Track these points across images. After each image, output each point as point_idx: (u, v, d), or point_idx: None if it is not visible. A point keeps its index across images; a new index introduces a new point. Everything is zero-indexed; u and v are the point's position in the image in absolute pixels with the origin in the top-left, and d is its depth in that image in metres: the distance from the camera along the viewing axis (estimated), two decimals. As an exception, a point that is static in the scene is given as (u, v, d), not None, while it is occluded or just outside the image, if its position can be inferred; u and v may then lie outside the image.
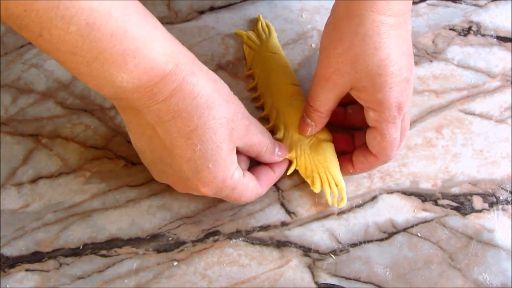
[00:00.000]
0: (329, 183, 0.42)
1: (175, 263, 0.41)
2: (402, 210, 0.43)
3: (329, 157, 0.42)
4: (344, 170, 0.42)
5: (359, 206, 0.43)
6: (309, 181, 0.42)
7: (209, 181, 0.36)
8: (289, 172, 0.43)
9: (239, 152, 0.38)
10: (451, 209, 0.43)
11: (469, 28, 0.51)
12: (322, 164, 0.42)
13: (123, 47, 0.30)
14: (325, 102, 0.40)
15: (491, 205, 0.44)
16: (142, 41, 0.31)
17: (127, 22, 0.30)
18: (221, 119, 0.35)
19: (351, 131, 0.44)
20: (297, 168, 0.43)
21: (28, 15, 0.27)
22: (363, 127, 0.42)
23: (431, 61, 0.49)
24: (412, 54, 0.39)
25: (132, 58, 0.30)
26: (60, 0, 0.27)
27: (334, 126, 0.44)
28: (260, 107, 0.46)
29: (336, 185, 0.42)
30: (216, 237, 0.42)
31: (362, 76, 0.37)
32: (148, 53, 0.31)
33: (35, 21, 0.27)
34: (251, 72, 0.48)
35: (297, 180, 0.44)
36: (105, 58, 0.30)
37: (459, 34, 0.51)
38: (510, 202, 0.44)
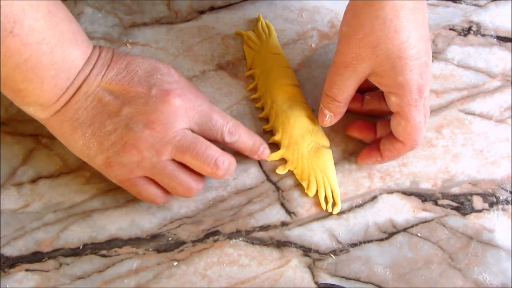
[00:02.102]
0: (324, 188, 0.43)
1: (175, 263, 0.41)
2: (402, 210, 0.43)
3: (328, 163, 0.43)
4: (372, 159, 0.43)
5: (359, 206, 0.43)
6: (304, 184, 0.43)
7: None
8: (282, 172, 0.43)
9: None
10: (451, 209, 0.43)
11: (469, 28, 0.51)
12: (321, 169, 0.43)
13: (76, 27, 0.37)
14: (343, 90, 0.40)
15: (491, 205, 0.44)
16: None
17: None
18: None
19: (373, 119, 0.44)
20: (291, 170, 0.44)
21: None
22: (381, 114, 0.43)
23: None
24: (429, 39, 0.39)
25: (81, 36, 0.37)
26: None
27: (352, 113, 0.44)
28: (260, 107, 0.46)
29: (332, 191, 0.43)
30: (216, 237, 0.42)
31: (382, 60, 0.37)
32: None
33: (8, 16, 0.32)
34: (251, 72, 0.48)
35: (297, 180, 0.44)
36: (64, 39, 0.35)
37: (459, 34, 0.51)
38: (510, 202, 0.44)
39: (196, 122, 0.39)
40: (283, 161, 0.44)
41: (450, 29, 0.51)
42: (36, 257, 0.40)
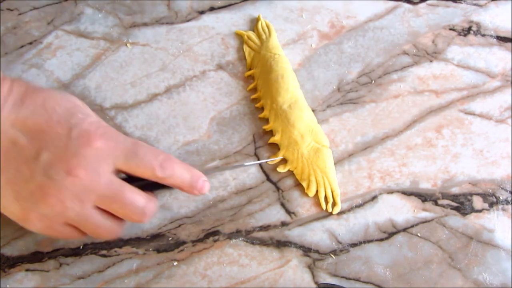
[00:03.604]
0: (324, 188, 0.43)
1: (175, 263, 0.41)
2: (402, 210, 0.43)
3: (328, 163, 0.43)
4: None
5: (359, 206, 0.43)
6: (304, 184, 0.43)
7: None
8: (282, 170, 0.44)
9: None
10: (451, 209, 0.43)
11: (469, 28, 0.51)
12: (321, 169, 0.43)
13: None
14: None
15: (491, 205, 0.44)
16: None
17: None
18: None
19: None
20: (291, 170, 0.44)
21: None
22: None
23: (431, 61, 0.49)
24: None
25: None
26: None
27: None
28: (260, 107, 0.46)
29: (332, 191, 0.43)
30: (216, 237, 0.42)
31: None
32: None
33: None
34: (251, 72, 0.48)
35: (297, 180, 0.44)
36: None
37: (459, 34, 0.51)
38: (510, 202, 0.44)
39: (122, 162, 0.35)
40: (283, 161, 0.44)
41: (450, 29, 0.51)
42: (36, 257, 0.40)
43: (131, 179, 0.36)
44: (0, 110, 0.33)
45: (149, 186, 0.37)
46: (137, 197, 0.35)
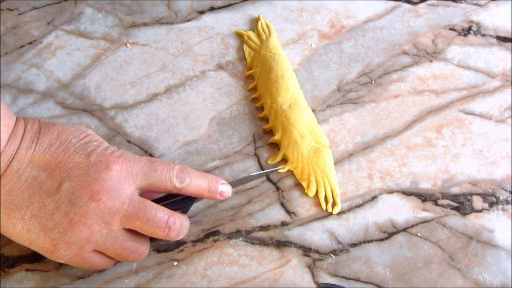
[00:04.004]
0: (324, 188, 0.43)
1: (175, 263, 0.41)
2: (402, 210, 0.43)
3: (328, 163, 0.43)
4: None
5: (359, 206, 0.43)
6: (304, 184, 0.43)
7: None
8: (282, 170, 0.44)
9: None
10: (451, 209, 0.43)
11: (469, 28, 0.51)
12: (321, 169, 0.43)
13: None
14: None
15: (491, 205, 0.44)
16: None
17: None
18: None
19: None
20: (291, 170, 0.44)
21: None
22: None
23: (431, 61, 0.49)
24: None
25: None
26: None
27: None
28: (260, 107, 0.46)
29: (332, 191, 0.43)
30: (216, 237, 0.42)
31: None
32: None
33: None
34: (251, 72, 0.48)
35: (297, 180, 0.44)
36: None
37: (459, 34, 0.51)
38: (510, 202, 0.44)
39: (142, 180, 0.36)
40: (283, 161, 0.44)
41: (450, 29, 0.51)
42: (36, 257, 0.40)
43: (157, 202, 0.37)
44: (18, 150, 0.35)
45: (173, 205, 0.38)
46: (159, 212, 0.36)
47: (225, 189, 0.39)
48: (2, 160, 0.34)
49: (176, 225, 0.37)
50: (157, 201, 0.38)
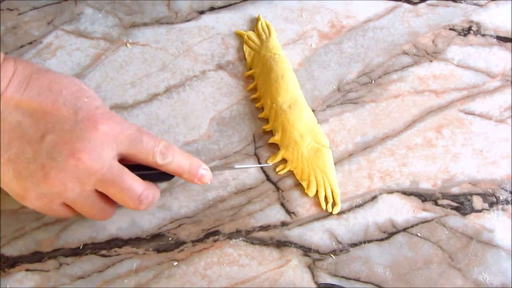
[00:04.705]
0: (324, 188, 0.43)
1: (175, 263, 0.41)
2: (402, 210, 0.43)
3: (328, 163, 0.43)
4: None
5: (359, 206, 0.43)
6: (304, 184, 0.43)
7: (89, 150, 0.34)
8: (282, 172, 0.43)
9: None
10: (451, 209, 0.43)
11: (469, 28, 0.51)
12: (321, 169, 0.43)
13: None
14: None
15: (491, 205, 0.44)
16: None
17: None
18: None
19: None
20: (291, 170, 0.44)
21: None
22: None
23: (431, 61, 0.49)
24: None
25: None
26: None
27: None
28: (260, 107, 0.46)
29: (332, 191, 0.43)
30: (216, 237, 0.42)
31: None
32: None
33: None
34: (251, 72, 0.48)
35: (297, 180, 0.44)
36: None
37: (459, 34, 0.51)
38: (510, 202, 0.44)
39: (125, 147, 0.35)
40: (283, 161, 0.44)
41: (450, 29, 0.51)
42: (36, 257, 0.40)
43: (133, 169, 0.37)
44: (4, 91, 0.33)
45: (151, 177, 0.38)
46: (135, 183, 0.36)
47: (205, 174, 0.39)
48: None
49: (149, 199, 0.37)
50: (133, 167, 0.37)
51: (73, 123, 0.34)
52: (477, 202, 0.44)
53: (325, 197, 0.43)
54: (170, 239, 0.41)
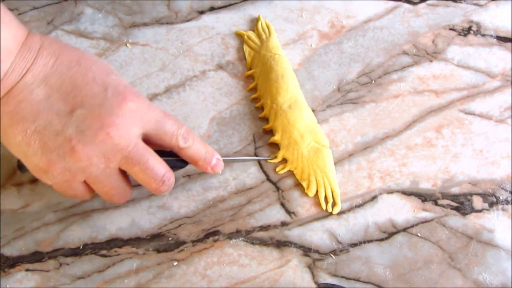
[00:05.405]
0: (324, 187, 0.43)
1: (175, 263, 0.41)
2: (402, 210, 0.43)
3: (328, 163, 0.43)
4: None
5: (359, 206, 0.43)
6: (304, 184, 0.43)
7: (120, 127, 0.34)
8: (282, 171, 0.44)
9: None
10: (451, 209, 0.43)
11: (469, 28, 0.51)
12: (321, 169, 0.43)
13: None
14: None
15: (491, 205, 0.44)
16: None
17: None
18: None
19: None
20: (291, 170, 0.44)
21: None
22: None
23: (431, 61, 0.49)
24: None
25: (9, 16, 0.34)
26: None
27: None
28: (260, 107, 0.46)
29: (332, 191, 0.43)
30: (216, 237, 0.42)
31: None
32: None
33: None
34: (251, 72, 0.48)
35: (297, 180, 0.44)
36: None
37: (459, 34, 0.51)
38: (510, 202, 0.44)
39: (151, 127, 0.36)
40: (283, 161, 0.44)
41: (450, 29, 0.51)
42: (36, 257, 0.40)
43: None
44: (32, 64, 0.33)
45: (168, 162, 0.38)
46: (159, 164, 0.36)
47: (218, 164, 0.40)
48: (15, 71, 0.33)
49: (170, 181, 0.37)
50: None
51: (103, 99, 0.34)
52: (477, 202, 0.44)
53: (325, 197, 0.43)
54: (170, 239, 0.41)
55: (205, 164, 0.39)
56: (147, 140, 0.37)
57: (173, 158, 0.39)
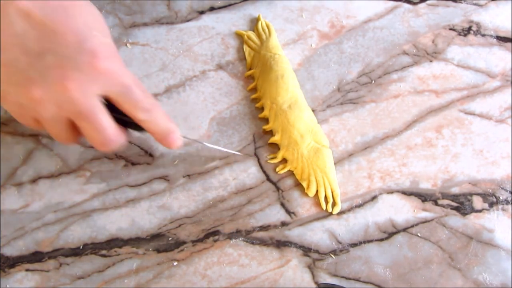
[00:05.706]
0: (324, 187, 0.43)
1: (175, 263, 0.41)
2: (402, 210, 0.43)
3: (328, 163, 0.43)
4: None
5: (359, 206, 0.43)
6: (304, 184, 0.43)
7: (104, 50, 0.34)
8: (282, 171, 0.44)
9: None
10: (451, 209, 0.43)
11: (469, 28, 0.51)
12: (321, 169, 0.43)
13: None
14: None
15: (491, 205, 0.44)
16: None
17: None
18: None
19: None
20: (292, 170, 0.44)
21: None
22: None
23: (431, 61, 0.49)
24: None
25: None
26: None
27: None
28: (260, 107, 0.46)
29: (332, 191, 0.43)
30: (216, 237, 0.42)
31: None
32: None
33: None
34: (251, 72, 0.48)
35: (297, 180, 0.44)
36: None
37: (459, 34, 0.51)
38: (510, 202, 0.44)
39: (114, 91, 0.35)
40: (283, 161, 0.44)
41: (450, 29, 0.51)
42: (36, 257, 0.40)
43: (112, 109, 0.36)
44: None
45: (126, 123, 0.37)
46: (108, 125, 0.36)
47: (176, 141, 0.39)
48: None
49: (115, 143, 0.36)
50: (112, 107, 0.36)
51: (75, 52, 0.34)
52: (477, 202, 0.44)
53: (325, 197, 0.43)
54: (170, 239, 0.41)
55: (162, 140, 0.38)
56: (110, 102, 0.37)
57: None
